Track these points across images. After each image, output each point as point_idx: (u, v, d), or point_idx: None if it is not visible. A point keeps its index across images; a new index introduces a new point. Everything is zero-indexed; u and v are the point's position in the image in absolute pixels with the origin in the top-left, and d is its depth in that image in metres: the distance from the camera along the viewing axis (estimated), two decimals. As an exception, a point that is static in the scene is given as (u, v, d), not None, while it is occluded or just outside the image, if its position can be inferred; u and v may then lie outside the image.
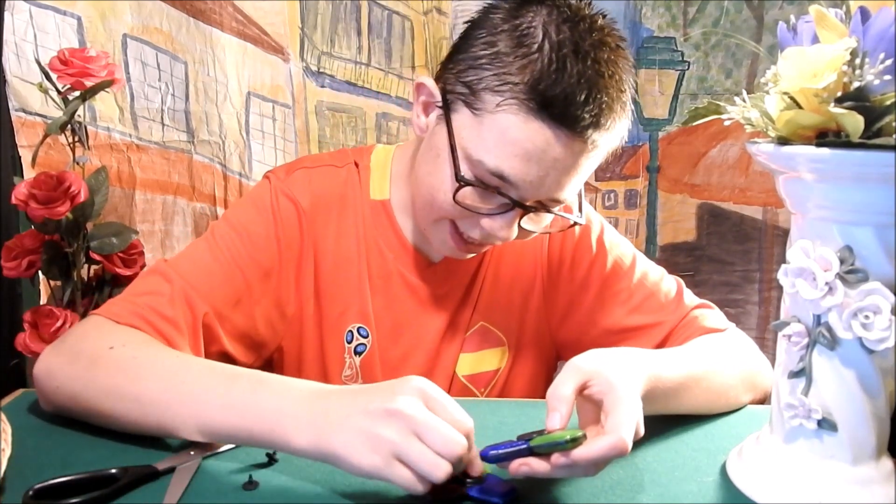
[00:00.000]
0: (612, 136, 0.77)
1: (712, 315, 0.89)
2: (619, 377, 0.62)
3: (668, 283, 0.92)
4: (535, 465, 0.58)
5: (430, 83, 0.82)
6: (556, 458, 0.57)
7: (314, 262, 0.89)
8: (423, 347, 0.92)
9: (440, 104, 0.80)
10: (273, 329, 0.88)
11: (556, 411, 0.59)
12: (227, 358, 0.83)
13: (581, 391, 0.62)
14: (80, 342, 0.74)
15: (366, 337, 0.90)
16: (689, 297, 0.91)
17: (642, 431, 0.61)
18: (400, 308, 0.91)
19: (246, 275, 0.84)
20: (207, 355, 0.80)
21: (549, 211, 0.80)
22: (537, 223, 0.83)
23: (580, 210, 0.85)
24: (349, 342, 0.90)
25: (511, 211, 0.78)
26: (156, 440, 0.70)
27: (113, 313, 0.76)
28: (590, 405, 0.63)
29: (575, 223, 0.84)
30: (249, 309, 0.85)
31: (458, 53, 0.79)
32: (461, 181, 0.77)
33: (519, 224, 0.79)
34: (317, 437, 0.59)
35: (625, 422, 0.59)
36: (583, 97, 0.72)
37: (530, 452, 0.58)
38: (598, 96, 0.72)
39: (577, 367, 0.63)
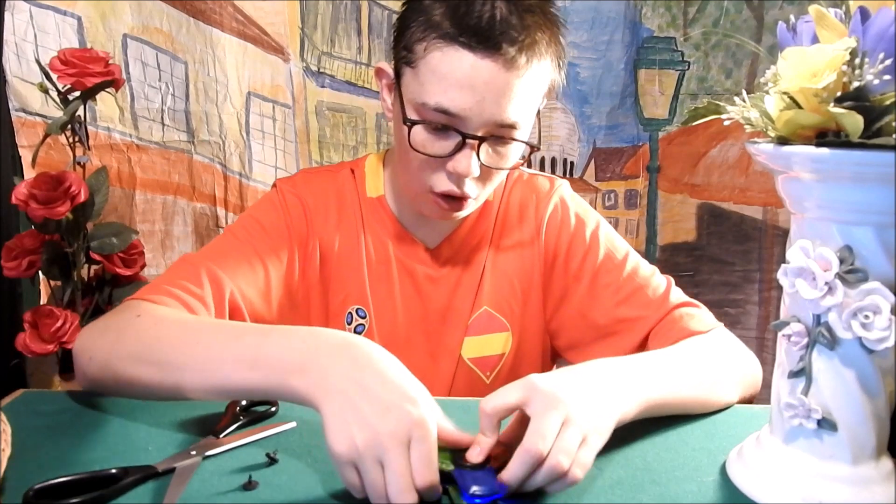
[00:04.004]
0: (540, 56, 0.82)
1: (698, 314, 0.89)
2: (557, 390, 0.62)
3: (657, 279, 0.94)
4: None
5: (386, 65, 0.89)
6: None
7: (319, 252, 0.95)
8: (423, 328, 0.97)
9: (394, 79, 0.87)
10: (283, 315, 0.93)
11: (477, 445, 0.60)
12: None
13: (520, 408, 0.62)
14: (110, 317, 0.80)
15: (364, 318, 0.96)
16: (676, 295, 0.92)
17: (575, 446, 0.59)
18: (398, 291, 0.97)
19: (264, 261, 0.90)
20: None
21: (502, 138, 0.83)
22: (497, 158, 0.86)
23: (539, 141, 0.90)
24: (349, 323, 0.96)
25: (466, 146, 0.82)
26: (155, 440, 0.70)
27: (144, 293, 0.81)
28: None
29: (532, 147, 0.87)
30: (267, 293, 0.90)
31: (398, 30, 0.86)
32: (408, 122, 0.83)
33: (480, 160, 0.83)
34: (313, 390, 0.59)
35: (538, 429, 0.58)
36: (490, 15, 0.78)
37: None
38: (508, 13, 0.79)
39: (528, 383, 0.63)
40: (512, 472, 0.58)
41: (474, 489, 0.57)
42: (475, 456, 0.59)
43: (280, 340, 0.64)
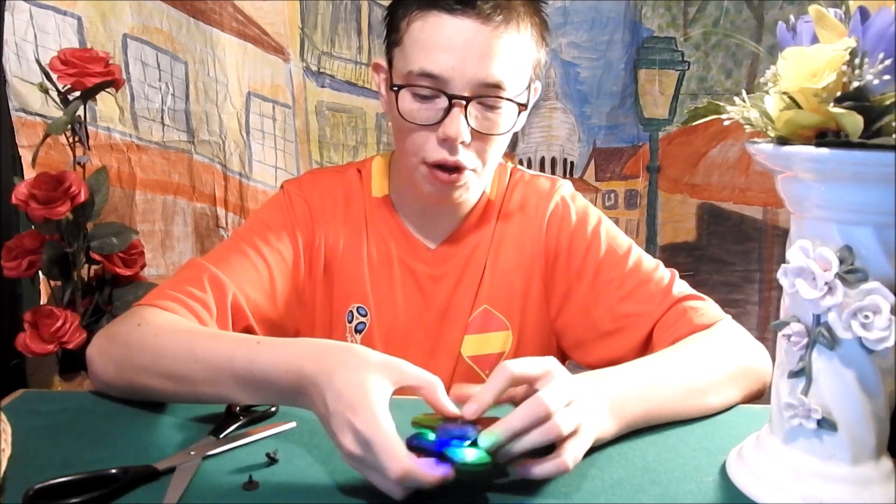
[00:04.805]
0: (518, 20, 0.85)
1: (703, 307, 0.88)
2: (571, 381, 0.63)
3: (660, 273, 0.93)
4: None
5: (381, 59, 0.93)
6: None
7: (324, 251, 0.97)
8: (423, 326, 0.98)
9: (388, 69, 0.91)
10: (291, 313, 0.94)
11: (474, 402, 0.61)
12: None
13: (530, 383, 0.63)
14: (117, 325, 0.82)
15: (364, 315, 0.97)
16: (679, 288, 0.92)
17: (575, 424, 0.61)
18: (399, 289, 0.98)
19: (268, 262, 0.91)
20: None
21: (489, 99, 0.85)
22: (487, 123, 0.86)
23: (527, 104, 0.91)
24: (350, 321, 0.97)
25: (453, 109, 0.84)
26: (156, 440, 0.70)
27: (149, 299, 0.83)
28: None
29: (521, 106, 0.88)
30: (272, 293, 0.91)
31: (387, 21, 0.91)
32: (394, 88, 0.86)
33: (469, 124, 0.85)
34: (313, 410, 0.63)
35: (549, 392, 0.60)
36: None
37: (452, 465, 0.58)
38: None
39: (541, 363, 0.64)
40: (511, 421, 0.58)
41: (455, 442, 0.59)
42: (470, 412, 0.60)
43: (268, 365, 0.66)
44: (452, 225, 0.98)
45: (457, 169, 0.87)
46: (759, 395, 0.83)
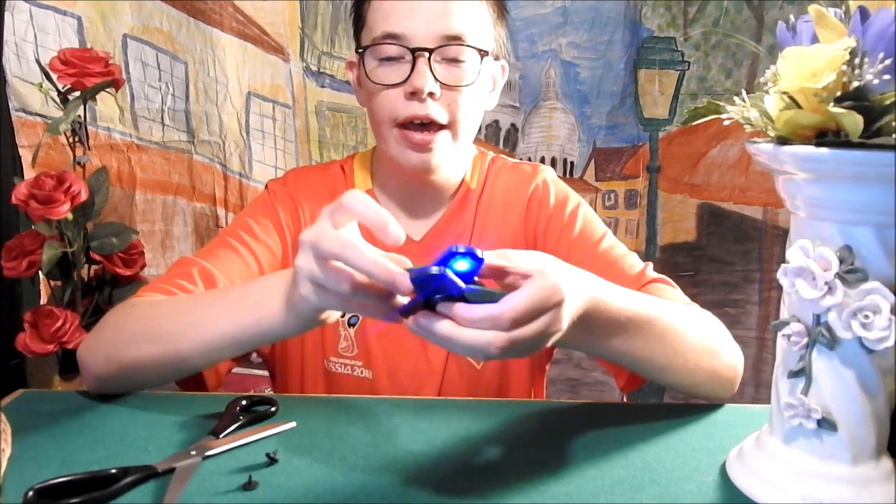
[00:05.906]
0: None
1: (675, 291, 0.91)
2: (546, 273, 0.60)
3: (633, 258, 0.95)
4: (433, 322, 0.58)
5: (354, 57, 0.95)
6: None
7: None
8: None
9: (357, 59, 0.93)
10: None
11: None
12: None
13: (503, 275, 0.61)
14: (109, 315, 0.83)
15: None
16: (651, 272, 0.93)
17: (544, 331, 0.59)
18: None
19: (257, 256, 0.92)
20: None
21: (452, 52, 0.88)
22: (452, 76, 0.89)
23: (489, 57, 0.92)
24: (342, 315, 0.96)
25: (418, 62, 0.87)
26: (155, 440, 0.70)
27: (140, 293, 0.84)
28: None
29: (482, 51, 0.90)
30: None
31: (353, 17, 0.95)
32: (360, 50, 0.90)
33: (435, 77, 0.87)
34: (287, 310, 0.65)
35: (518, 299, 0.57)
36: None
37: (461, 298, 0.56)
38: None
39: (505, 254, 0.62)
40: (470, 313, 0.56)
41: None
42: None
43: (261, 285, 0.71)
44: (435, 214, 0.99)
45: (429, 125, 0.88)
46: (730, 386, 0.82)
